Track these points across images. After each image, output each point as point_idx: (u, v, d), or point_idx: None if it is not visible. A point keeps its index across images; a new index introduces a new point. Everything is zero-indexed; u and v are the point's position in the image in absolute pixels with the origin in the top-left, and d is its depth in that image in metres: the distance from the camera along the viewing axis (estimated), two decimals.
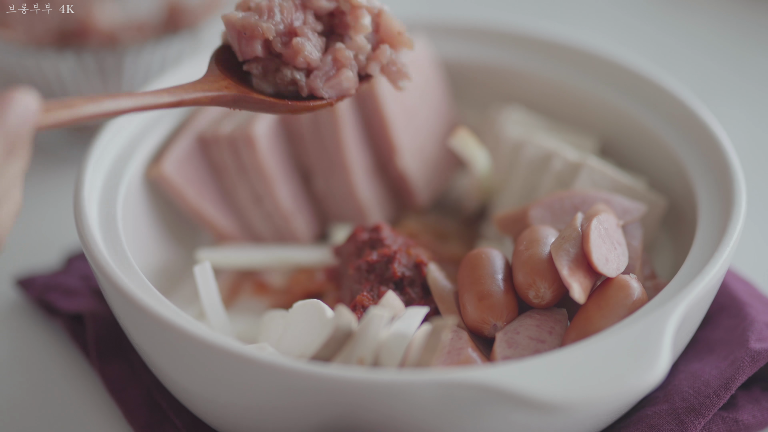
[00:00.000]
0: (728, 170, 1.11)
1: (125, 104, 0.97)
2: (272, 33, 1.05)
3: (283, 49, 1.05)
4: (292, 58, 1.05)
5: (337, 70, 1.07)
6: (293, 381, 0.90)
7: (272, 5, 1.06)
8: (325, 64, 1.06)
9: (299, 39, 1.05)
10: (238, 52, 1.07)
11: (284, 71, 1.06)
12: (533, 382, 0.88)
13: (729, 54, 1.81)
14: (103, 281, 1.01)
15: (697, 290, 0.97)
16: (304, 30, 1.06)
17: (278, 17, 1.05)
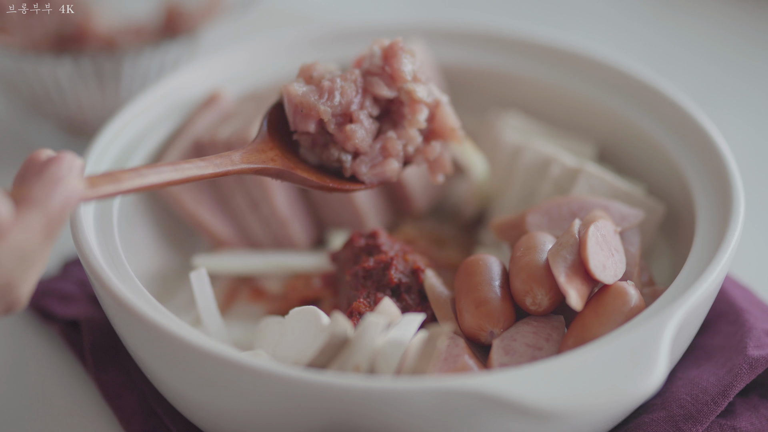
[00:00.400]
0: (726, 176, 1.11)
1: (169, 176, 0.98)
2: (329, 116, 1.07)
3: (336, 131, 1.08)
4: (342, 142, 1.08)
5: (383, 159, 1.09)
6: (289, 388, 0.90)
7: (334, 88, 1.08)
8: (373, 150, 1.09)
9: (353, 126, 1.07)
10: (291, 123, 1.09)
11: (332, 150, 1.09)
12: (530, 389, 0.88)
13: (728, 59, 1.81)
14: (99, 288, 1.01)
15: (694, 297, 0.97)
16: (360, 115, 1.08)
17: (337, 100, 1.07)
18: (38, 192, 0.86)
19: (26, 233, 0.85)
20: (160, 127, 1.23)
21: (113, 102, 1.49)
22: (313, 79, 1.09)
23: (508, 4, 1.96)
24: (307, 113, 1.07)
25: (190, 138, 1.21)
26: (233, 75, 1.30)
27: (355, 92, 1.08)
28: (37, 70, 1.43)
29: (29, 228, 0.85)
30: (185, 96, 1.26)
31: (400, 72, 1.08)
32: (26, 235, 0.85)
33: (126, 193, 0.95)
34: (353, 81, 1.08)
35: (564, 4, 1.98)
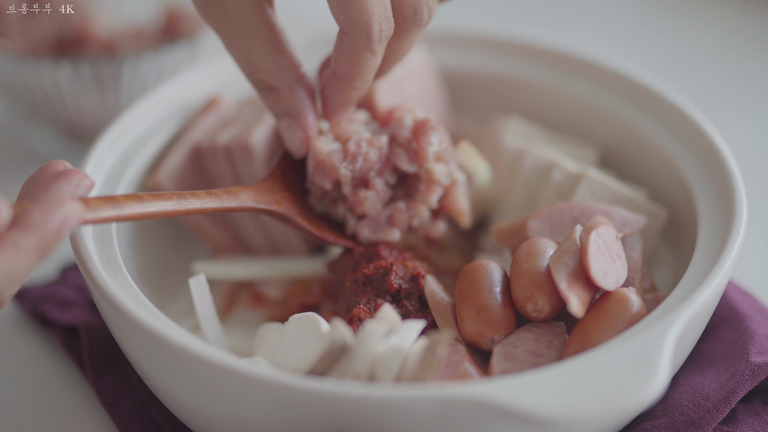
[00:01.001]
0: (729, 181, 1.10)
1: (172, 207, 1.00)
2: (347, 179, 1.10)
3: (350, 194, 1.11)
4: (353, 204, 1.11)
5: (387, 226, 1.12)
6: (288, 396, 0.89)
7: (358, 153, 1.10)
8: (379, 216, 1.11)
9: (367, 193, 1.10)
10: (309, 175, 1.11)
11: (339, 207, 1.12)
12: (531, 397, 0.87)
13: (731, 61, 1.81)
14: (97, 294, 1.01)
15: (696, 304, 0.97)
16: (376, 183, 1.10)
17: (359, 165, 1.10)
18: (37, 216, 0.86)
19: (17, 254, 0.85)
20: (160, 131, 1.22)
21: (113, 106, 1.49)
22: (340, 137, 1.11)
23: (509, 8, 1.96)
24: (328, 172, 1.10)
25: (189, 143, 1.21)
26: (233, 79, 1.29)
27: (377, 159, 1.10)
28: (37, 74, 1.43)
29: (22, 250, 0.85)
30: (185, 100, 1.26)
31: (425, 152, 1.11)
32: (17, 256, 0.85)
33: (126, 219, 0.96)
34: (378, 148, 1.10)
35: (566, 7, 1.97)
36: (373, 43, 1.02)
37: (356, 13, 0.99)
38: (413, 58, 1.26)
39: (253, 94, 1.29)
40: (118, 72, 1.44)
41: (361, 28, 1.01)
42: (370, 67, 1.05)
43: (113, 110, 1.48)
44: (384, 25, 1.01)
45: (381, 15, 1.00)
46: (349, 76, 1.06)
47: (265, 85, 1.08)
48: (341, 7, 1.00)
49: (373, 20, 1.00)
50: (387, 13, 1.01)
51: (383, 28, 1.02)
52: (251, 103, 1.27)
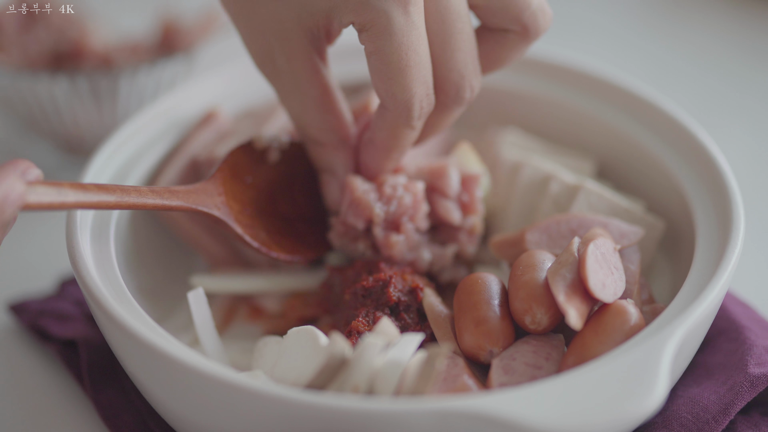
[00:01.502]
0: (726, 193, 1.10)
1: (112, 199, 1.00)
2: (380, 221, 1.11)
3: (381, 235, 1.12)
4: (382, 247, 1.12)
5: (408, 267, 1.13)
6: (287, 410, 0.89)
7: (393, 196, 1.12)
8: (403, 258, 1.13)
9: (398, 237, 1.12)
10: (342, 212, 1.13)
11: (359, 245, 1.13)
12: (529, 410, 0.87)
13: (729, 71, 1.81)
14: (95, 308, 1.01)
15: (695, 315, 0.97)
16: (407, 229, 1.12)
17: (393, 207, 1.12)
18: None
19: None
20: (158, 145, 1.22)
21: (110, 120, 1.49)
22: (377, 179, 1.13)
23: None
24: (361, 211, 1.11)
25: (187, 156, 1.21)
26: (230, 93, 1.30)
27: (411, 204, 1.12)
28: (34, 88, 1.43)
29: None
30: (182, 114, 1.26)
31: (477, 205, 1.15)
32: None
33: (69, 207, 0.96)
34: (414, 194, 1.12)
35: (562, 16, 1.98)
36: (413, 120, 1.05)
37: (399, 92, 1.03)
38: None
39: (251, 107, 1.29)
40: (114, 85, 1.44)
41: (402, 106, 1.04)
42: (407, 141, 1.09)
43: (110, 124, 1.48)
44: (425, 103, 1.05)
45: (422, 94, 1.04)
46: (386, 148, 1.10)
47: (311, 139, 1.12)
48: (384, 85, 1.03)
49: (415, 99, 1.03)
50: (428, 92, 1.04)
51: (423, 106, 1.05)
52: (248, 116, 1.27)
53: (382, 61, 1.02)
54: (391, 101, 1.04)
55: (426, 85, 1.04)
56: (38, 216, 1.44)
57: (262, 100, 1.30)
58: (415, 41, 1.01)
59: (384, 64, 1.02)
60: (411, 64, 1.01)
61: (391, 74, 1.02)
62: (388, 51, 1.01)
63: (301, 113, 1.10)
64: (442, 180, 1.14)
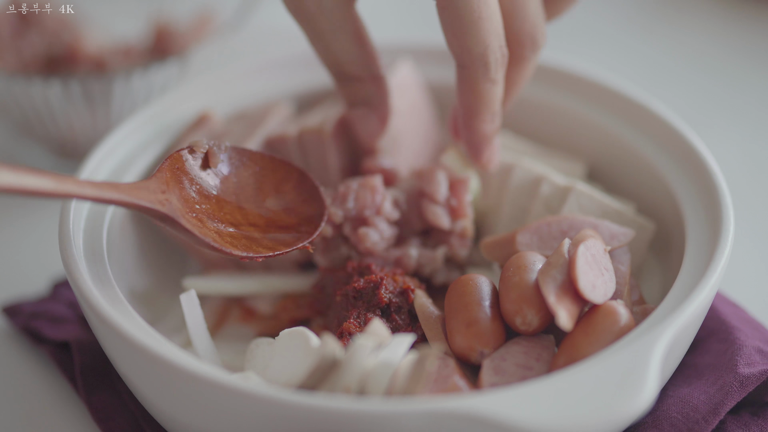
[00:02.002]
0: (716, 194, 1.11)
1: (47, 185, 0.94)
2: (340, 218, 1.12)
3: (350, 232, 1.13)
4: (354, 242, 1.13)
5: (394, 267, 1.14)
6: (279, 411, 0.90)
7: (347, 193, 1.14)
8: (387, 255, 1.14)
9: (367, 230, 1.12)
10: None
11: (342, 248, 1.14)
12: (520, 410, 0.88)
13: (722, 71, 1.81)
14: (88, 310, 1.01)
15: (684, 316, 0.97)
16: (376, 222, 1.13)
17: (350, 205, 1.13)
18: None
19: None
20: (150, 148, 1.23)
21: (104, 124, 1.49)
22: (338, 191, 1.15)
23: None
24: (329, 220, 1.13)
25: None
26: (222, 96, 1.30)
27: (372, 198, 1.13)
28: (28, 92, 1.43)
29: None
30: (175, 117, 1.26)
31: (466, 209, 1.15)
32: None
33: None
34: (371, 188, 1.14)
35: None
36: (491, 72, 1.06)
37: (474, 45, 1.04)
38: (400, 73, 1.26)
39: (243, 109, 1.30)
40: (108, 89, 1.44)
41: (478, 60, 1.05)
42: (493, 96, 1.09)
43: (104, 127, 1.49)
44: (499, 55, 1.05)
45: (496, 45, 1.05)
46: (475, 110, 1.10)
47: (349, 75, 1.13)
48: (458, 40, 1.04)
49: (490, 51, 1.04)
50: (501, 43, 1.05)
51: (498, 58, 1.05)
52: (241, 118, 1.28)
53: (454, 14, 1.02)
54: (467, 56, 1.05)
55: (499, 36, 1.04)
56: (32, 218, 1.45)
57: (255, 102, 1.30)
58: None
59: (457, 17, 1.02)
60: (483, 16, 1.02)
61: (465, 27, 1.02)
62: (460, 3, 1.01)
63: (340, 50, 1.11)
64: (430, 185, 1.15)
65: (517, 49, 1.10)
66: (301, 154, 1.21)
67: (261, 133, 1.22)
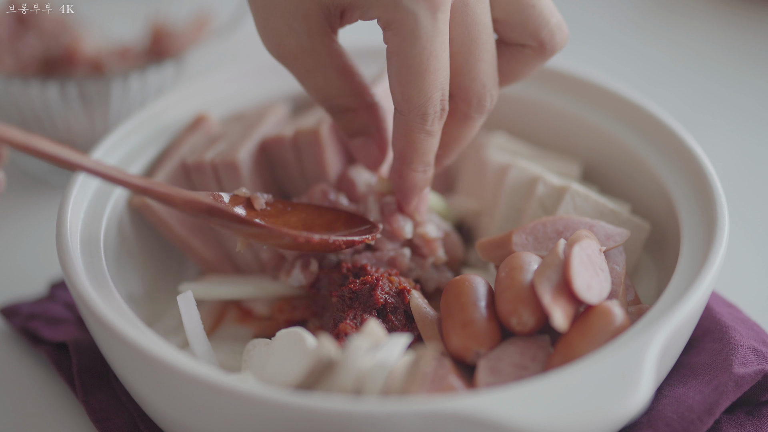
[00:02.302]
0: (711, 194, 1.11)
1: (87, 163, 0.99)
2: None
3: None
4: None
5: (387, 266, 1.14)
6: (275, 411, 0.90)
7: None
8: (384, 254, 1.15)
9: None
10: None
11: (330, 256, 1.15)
12: (515, 410, 0.88)
13: (718, 71, 1.82)
14: (85, 311, 1.01)
15: (679, 316, 0.98)
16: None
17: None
18: None
19: None
20: (147, 150, 1.23)
21: (102, 125, 1.49)
22: None
23: None
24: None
25: (176, 160, 1.21)
26: (219, 97, 1.30)
27: None
28: (26, 93, 1.43)
29: None
30: (172, 118, 1.26)
31: (402, 231, 1.15)
32: None
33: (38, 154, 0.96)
34: None
35: None
36: (427, 123, 1.06)
37: (415, 95, 1.04)
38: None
39: (240, 111, 1.30)
40: (105, 91, 1.45)
41: (416, 110, 1.05)
42: (427, 147, 1.09)
43: (101, 129, 1.49)
44: (439, 108, 1.05)
45: (437, 99, 1.05)
46: (408, 158, 1.10)
47: (342, 108, 1.13)
48: (401, 87, 1.04)
49: (430, 104, 1.04)
50: (444, 98, 1.05)
51: (437, 111, 1.06)
52: (237, 119, 1.28)
53: (402, 62, 1.02)
54: (405, 104, 1.05)
55: (442, 90, 1.05)
56: (30, 220, 1.45)
57: (250, 104, 1.31)
58: (438, 47, 1.02)
59: (404, 65, 1.02)
60: (431, 69, 1.02)
61: (410, 77, 1.02)
62: (410, 53, 1.01)
63: (327, 85, 1.11)
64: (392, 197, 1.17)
65: (462, 106, 1.09)
66: (297, 155, 1.22)
67: (257, 134, 1.22)
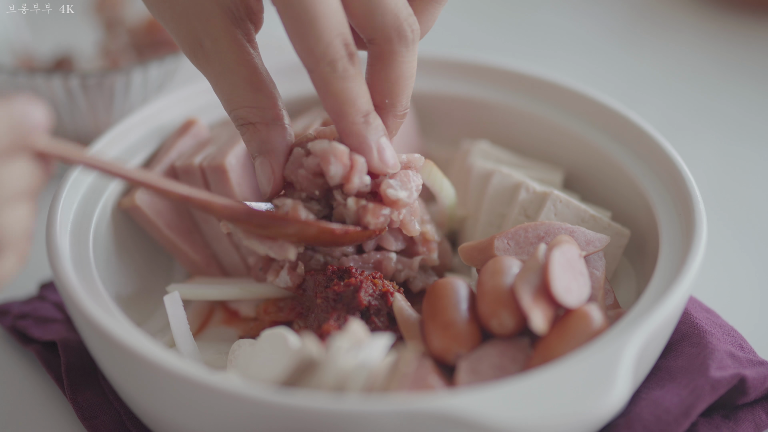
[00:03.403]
0: (690, 202, 1.12)
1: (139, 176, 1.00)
2: None
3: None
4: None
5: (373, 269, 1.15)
6: (258, 409, 0.91)
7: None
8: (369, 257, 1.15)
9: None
10: None
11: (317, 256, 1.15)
12: (494, 409, 0.90)
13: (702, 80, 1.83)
14: (73, 310, 1.03)
15: (656, 319, 0.99)
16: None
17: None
18: None
19: None
20: (137, 154, 1.24)
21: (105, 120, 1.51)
22: None
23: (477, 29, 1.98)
24: None
25: (165, 164, 1.22)
26: (209, 102, 1.31)
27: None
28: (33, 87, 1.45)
29: None
30: (161, 123, 1.27)
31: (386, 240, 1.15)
32: None
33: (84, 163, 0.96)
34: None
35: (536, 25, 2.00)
36: (339, 69, 1.02)
37: (314, 44, 1.00)
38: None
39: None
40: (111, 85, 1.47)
41: (322, 58, 1.01)
42: (352, 94, 1.03)
43: (105, 124, 1.51)
44: (344, 51, 1.01)
45: (339, 43, 1.01)
46: (340, 113, 1.05)
47: (244, 120, 1.09)
48: (300, 43, 1.00)
49: (332, 47, 1.00)
50: (346, 39, 1.01)
51: (344, 54, 1.01)
52: (226, 124, 1.29)
53: (290, 17, 0.99)
54: (310, 58, 1.01)
55: (342, 36, 1.00)
56: None
57: None
58: None
59: (294, 18, 0.99)
60: (321, 14, 0.98)
61: (303, 28, 0.99)
62: (294, 3, 0.99)
63: (231, 94, 1.08)
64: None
65: (385, 45, 1.04)
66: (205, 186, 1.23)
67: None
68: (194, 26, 1.07)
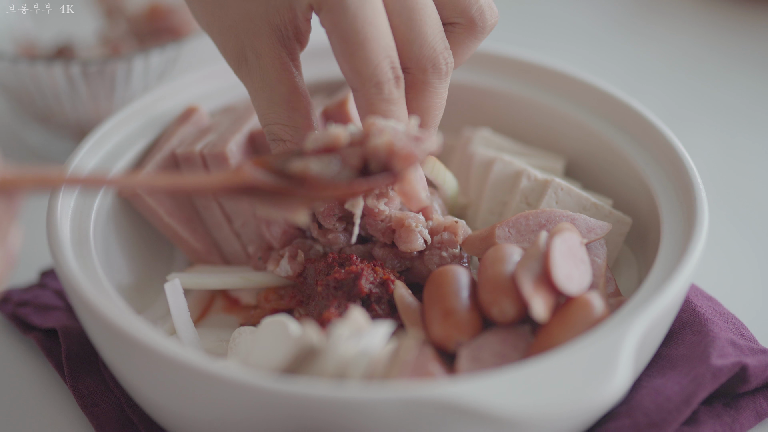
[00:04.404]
0: (691, 189, 1.12)
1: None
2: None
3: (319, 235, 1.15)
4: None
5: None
6: (259, 397, 0.91)
7: None
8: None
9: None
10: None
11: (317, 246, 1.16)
12: (495, 397, 0.90)
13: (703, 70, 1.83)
14: (74, 297, 1.03)
15: (657, 307, 0.99)
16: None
17: None
18: None
19: None
20: (138, 141, 1.24)
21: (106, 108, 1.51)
22: None
23: None
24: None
25: (167, 151, 1.22)
26: (211, 90, 1.31)
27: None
28: (35, 74, 1.46)
29: None
30: (163, 110, 1.28)
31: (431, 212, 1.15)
32: None
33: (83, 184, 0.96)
34: None
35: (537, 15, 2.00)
36: (385, 92, 1.04)
37: (362, 66, 1.02)
38: None
39: (230, 102, 1.31)
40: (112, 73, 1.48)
41: (368, 81, 1.03)
42: (395, 117, 1.05)
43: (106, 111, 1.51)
44: (391, 74, 1.03)
45: (387, 66, 1.03)
46: None
47: (276, 136, 1.11)
48: (348, 63, 1.03)
49: (379, 70, 1.02)
50: (394, 63, 1.03)
51: (391, 77, 1.04)
52: (228, 111, 1.29)
53: (341, 37, 1.02)
54: (357, 79, 1.03)
55: (390, 59, 1.03)
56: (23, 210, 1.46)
57: (240, 97, 1.32)
58: (370, 14, 1.01)
59: (343, 40, 1.02)
60: (370, 37, 1.01)
61: (352, 49, 1.01)
62: (345, 25, 1.01)
63: (268, 110, 1.10)
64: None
65: (419, 75, 1.07)
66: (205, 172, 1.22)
67: (247, 126, 1.23)
68: (241, 40, 1.08)
